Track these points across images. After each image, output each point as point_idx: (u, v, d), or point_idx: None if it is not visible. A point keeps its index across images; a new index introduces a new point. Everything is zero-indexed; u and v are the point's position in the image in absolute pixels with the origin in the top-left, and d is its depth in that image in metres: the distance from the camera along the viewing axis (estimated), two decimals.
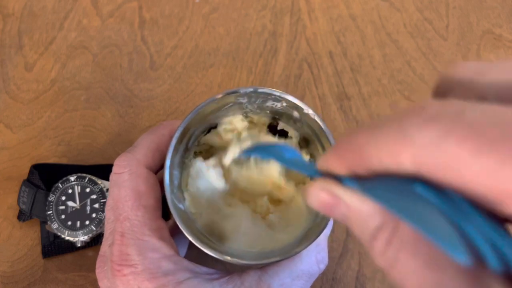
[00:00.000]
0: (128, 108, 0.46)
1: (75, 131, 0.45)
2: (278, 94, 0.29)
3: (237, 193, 0.31)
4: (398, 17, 0.50)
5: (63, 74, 0.48)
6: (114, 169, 0.28)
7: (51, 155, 0.44)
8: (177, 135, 0.28)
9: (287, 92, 0.30)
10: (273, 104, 0.30)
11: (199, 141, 0.32)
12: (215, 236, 0.30)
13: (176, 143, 0.28)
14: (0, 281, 0.39)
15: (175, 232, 0.29)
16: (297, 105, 0.29)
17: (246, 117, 0.33)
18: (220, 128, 0.32)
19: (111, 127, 0.45)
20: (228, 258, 0.26)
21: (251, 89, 0.29)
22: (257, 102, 0.31)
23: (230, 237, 0.30)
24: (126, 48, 0.49)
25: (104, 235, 0.28)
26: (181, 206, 0.29)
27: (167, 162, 0.27)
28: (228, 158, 0.31)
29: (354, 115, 0.45)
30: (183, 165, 0.31)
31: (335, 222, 0.39)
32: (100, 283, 0.27)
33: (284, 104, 0.30)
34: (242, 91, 0.29)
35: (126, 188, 0.27)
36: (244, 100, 0.30)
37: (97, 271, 0.27)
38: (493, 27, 0.50)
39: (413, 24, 0.50)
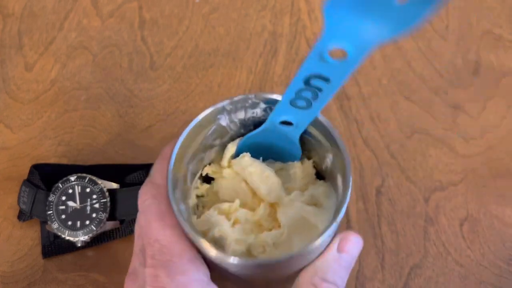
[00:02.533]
0: (128, 108, 0.46)
1: (75, 131, 0.45)
2: (253, 96, 0.28)
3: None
4: None
5: (63, 74, 0.48)
6: (139, 200, 0.28)
7: (51, 155, 0.44)
8: (170, 178, 0.27)
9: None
10: (253, 113, 0.29)
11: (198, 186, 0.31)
12: None
13: (172, 185, 0.27)
14: (0, 281, 0.39)
15: None
16: (275, 99, 0.28)
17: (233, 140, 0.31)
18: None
19: (111, 127, 0.45)
20: (238, 259, 0.25)
21: (227, 101, 0.28)
22: (238, 118, 0.29)
23: None
24: (126, 48, 0.49)
25: (134, 252, 0.28)
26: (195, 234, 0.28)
27: (172, 201, 0.26)
28: (226, 157, 0.30)
29: (354, 115, 0.45)
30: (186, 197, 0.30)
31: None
32: None
33: (263, 106, 0.29)
34: (219, 105, 0.28)
35: (150, 212, 0.27)
36: (225, 121, 0.29)
37: (126, 286, 0.27)
38: (493, 27, 0.50)
39: None
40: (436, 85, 0.47)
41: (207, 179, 0.31)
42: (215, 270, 0.28)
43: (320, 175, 0.32)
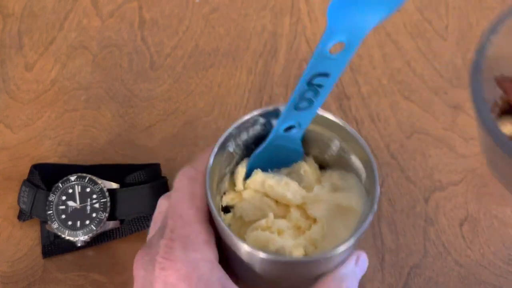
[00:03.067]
0: (128, 108, 0.46)
1: (75, 131, 0.45)
2: (253, 114, 0.29)
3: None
4: (398, 17, 0.51)
5: (63, 74, 0.48)
6: (176, 179, 0.29)
7: (51, 155, 0.44)
8: (209, 196, 0.27)
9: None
10: (254, 130, 0.30)
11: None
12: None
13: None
14: (0, 281, 0.39)
15: None
16: (275, 112, 0.28)
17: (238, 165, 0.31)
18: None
19: (111, 127, 0.45)
20: (273, 255, 0.26)
21: (232, 127, 0.28)
22: (242, 141, 0.30)
23: None
24: (126, 48, 0.49)
25: (155, 223, 0.30)
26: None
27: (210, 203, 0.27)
28: (239, 180, 0.30)
29: (354, 114, 0.45)
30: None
31: None
32: (135, 271, 0.28)
33: (262, 121, 0.29)
34: (226, 133, 0.28)
35: (183, 191, 0.28)
36: (232, 147, 0.29)
37: (136, 258, 0.28)
38: None
39: (413, 24, 0.50)
40: (436, 85, 0.47)
41: (225, 210, 0.32)
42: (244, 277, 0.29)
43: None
